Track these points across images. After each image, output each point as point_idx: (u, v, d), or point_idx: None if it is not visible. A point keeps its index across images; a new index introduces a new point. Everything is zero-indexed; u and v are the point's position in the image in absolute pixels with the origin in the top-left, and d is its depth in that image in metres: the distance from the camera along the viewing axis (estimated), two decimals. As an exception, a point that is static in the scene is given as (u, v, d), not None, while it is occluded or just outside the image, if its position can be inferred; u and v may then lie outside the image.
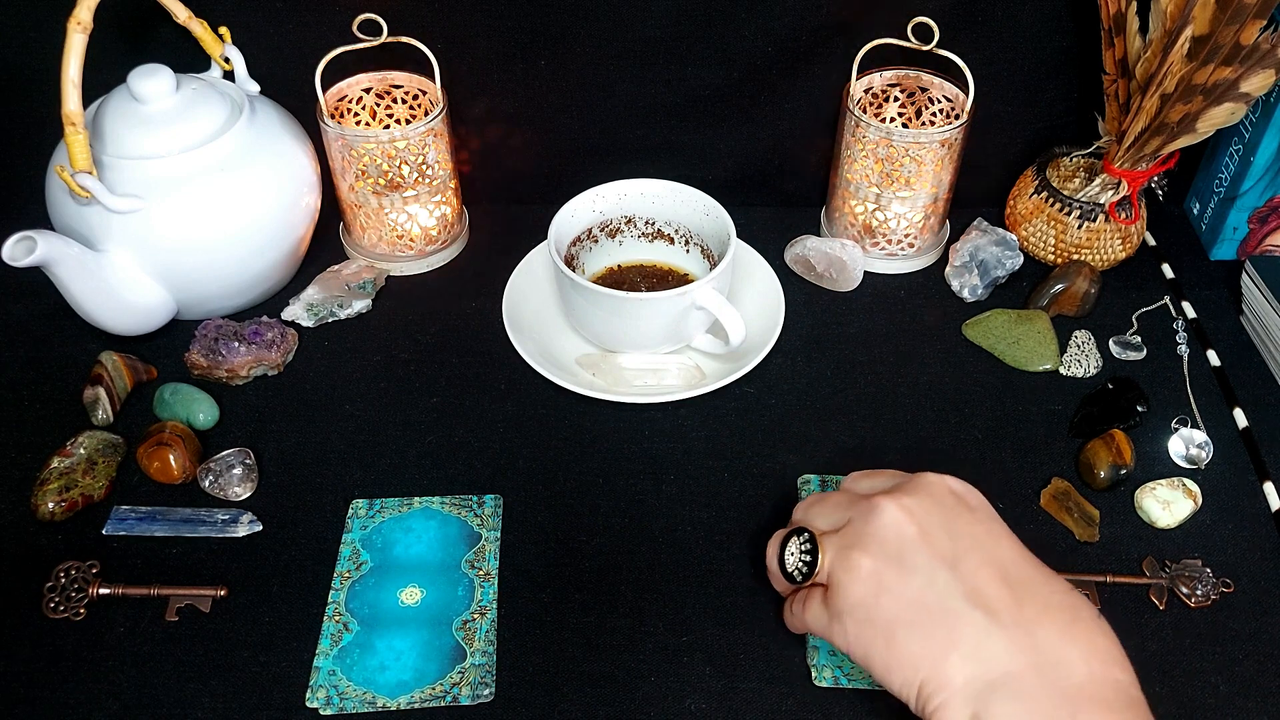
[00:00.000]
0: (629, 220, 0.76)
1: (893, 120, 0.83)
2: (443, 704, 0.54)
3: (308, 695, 0.54)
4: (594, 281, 0.73)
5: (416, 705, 0.54)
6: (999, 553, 0.42)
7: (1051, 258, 0.81)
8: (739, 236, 0.71)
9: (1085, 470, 0.66)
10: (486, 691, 0.55)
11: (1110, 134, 0.76)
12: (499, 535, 0.62)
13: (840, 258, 0.79)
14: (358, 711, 0.54)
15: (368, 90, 0.79)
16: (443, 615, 0.58)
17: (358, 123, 0.80)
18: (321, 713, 0.54)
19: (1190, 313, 0.77)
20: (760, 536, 0.62)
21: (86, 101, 0.65)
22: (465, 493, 0.65)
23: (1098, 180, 0.78)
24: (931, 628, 0.40)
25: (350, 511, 0.63)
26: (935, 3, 0.74)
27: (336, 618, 0.58)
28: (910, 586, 0.40)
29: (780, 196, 0.87)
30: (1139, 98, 0.71)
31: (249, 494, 0.65)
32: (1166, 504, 0.63)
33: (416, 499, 0.64)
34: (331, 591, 0.59)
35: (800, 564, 0.44)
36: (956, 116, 0.78)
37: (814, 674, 0.55)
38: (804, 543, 0.44)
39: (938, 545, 0.41)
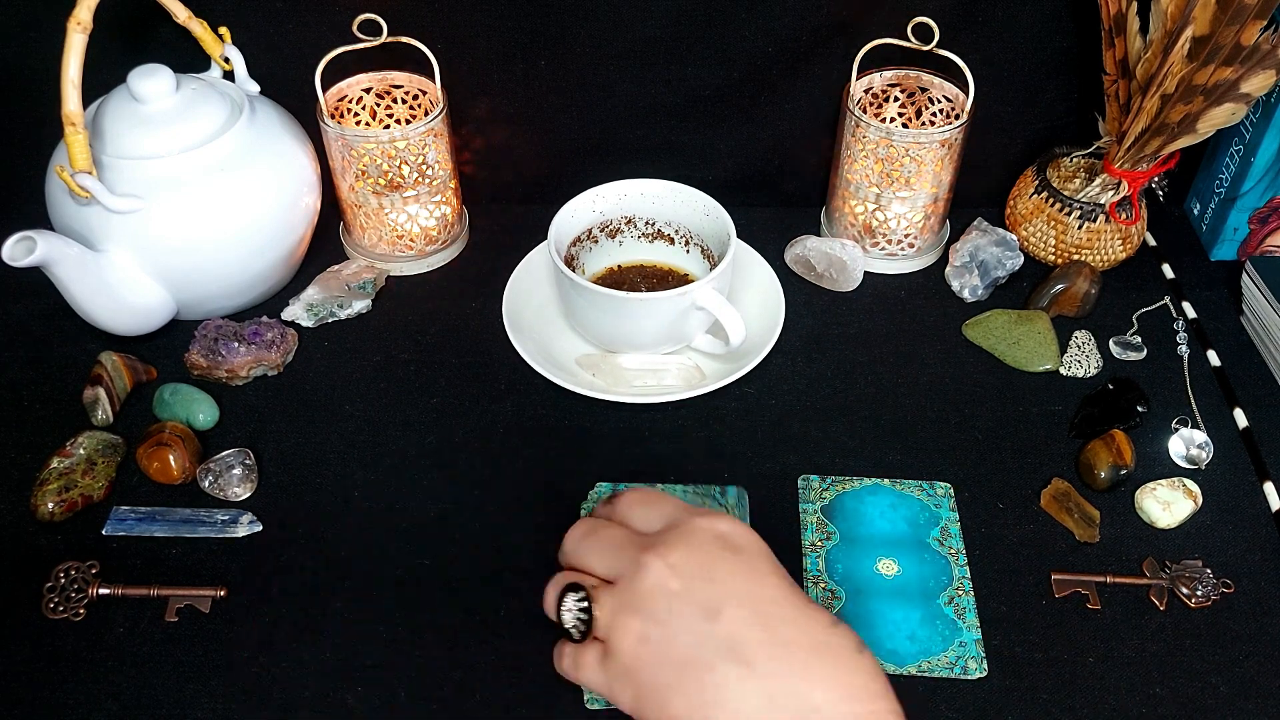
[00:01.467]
0: (629, 220, 0.76)
1: (893, 120, 0.83)
2: None
3: None
4: (594, 282, 0.72)
5: None
6: (761, 594, 0.42)
7: (1052, 258, 0.80)
8: (739, 236, 0.71)
9: (1085, 471, 0.66)
10: None
11: (1110, 134, 0.76)
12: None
13: (840, 258, 0.79)
14: None
15: (368, 90, 0.79)
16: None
17: (358, 123, 0.80)
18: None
19: (1190, 313, 0.77)
20: (763, 538, 0.62)
21: (86, 101, 0.65)
22: (465, 494, 0.65)
23: (1098, 180, 0.78)
24: (693, 688, 0.40)
25: (594, 498, 0.64)
26: (935, 3, 0.74)
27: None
28: (675, 647, 0.41)
29: (780, 196, 0.87)
30: (1139, 98, 0.71)
31: (249, 494, 0.65)
32: (1167, 504, 0.63)
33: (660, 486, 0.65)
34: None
35: (578, 621, 0.44)
36: (956, 116, 0.77)
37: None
38: (580, 600, 0.44)
39: (699, 597, 0.41)
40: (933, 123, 0.81)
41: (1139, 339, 0.75)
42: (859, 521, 0.64)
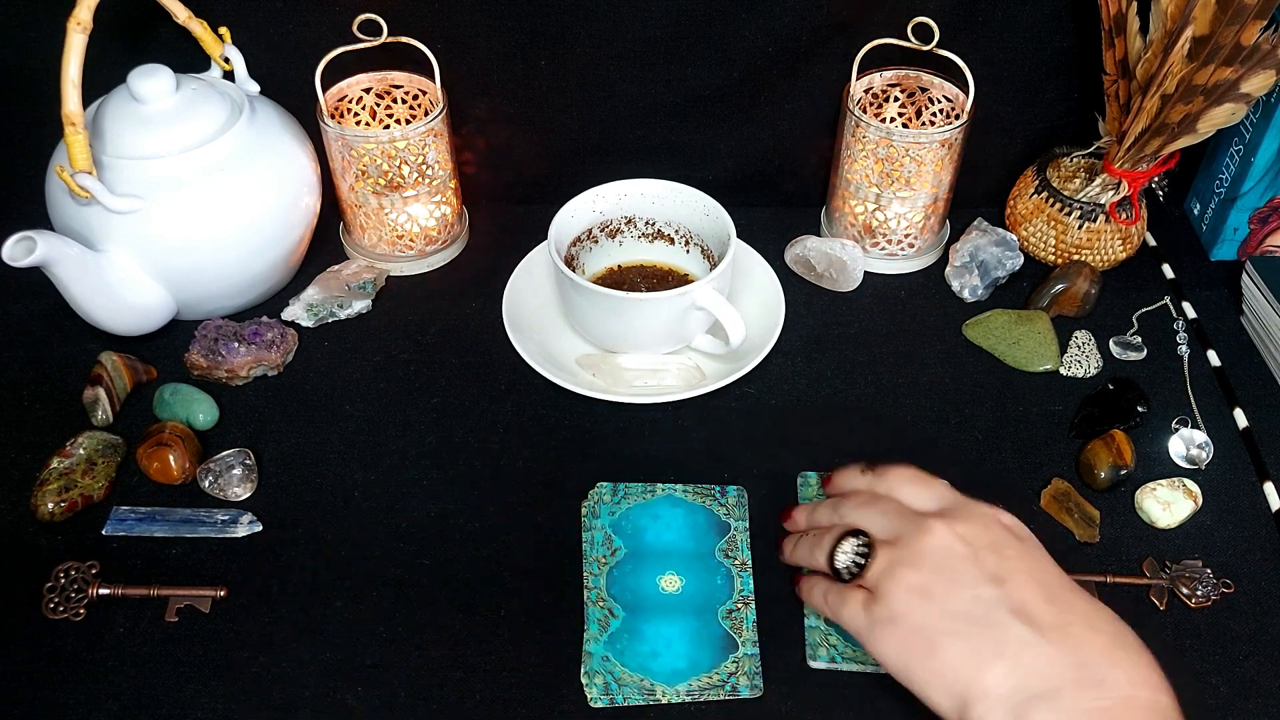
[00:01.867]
0: (629, 220, 0.76)
1: (893, 120, 0.83)
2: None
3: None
4: (594, 282, 0.72)
5: None
6: (1045, 576, 0.44)
7: (1052, 258, 0.80)
8: (739, 236, 0.71)
9: (1085, 471, 0.66)
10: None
11: (1110, 134, 0.76)
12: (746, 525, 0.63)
13: (840, 258, 0.79)
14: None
15: (368, 90, 0.79)
16: (706, 603, 0.59)
17: (358, 123, 0.80)
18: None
19: (1190, 313, 0.77)
20: (760, 537, 0.62)
21: (86, 101, 0.65)
22: (465, 494, 0.65)
23: (1098, 180, 0.78)
24: (975, 638, 0.41)
25: (594, 498, 0.64)
26: (935, 3, 0.74)
27: (600, 603, 0.59)
28: (956, 600, 0.42)
29: (780, 196, 0.87)
30: (1139, 98, 0.71)
31: (249, 494, 0.65)
32: (1167, 504, 0.63)
33: (660, 486, 0.65)
34: (590, 577, 0.60)
35: (852, 563, 0.47)
36: (956, 116, 0.77)
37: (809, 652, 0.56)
38: (861, 545, 0.46)
39: (986, 565, 0.43)
40: (933, 123, 0.81)
41: (1139, 339, 0.75)
42: (859, 521, 0.63)
